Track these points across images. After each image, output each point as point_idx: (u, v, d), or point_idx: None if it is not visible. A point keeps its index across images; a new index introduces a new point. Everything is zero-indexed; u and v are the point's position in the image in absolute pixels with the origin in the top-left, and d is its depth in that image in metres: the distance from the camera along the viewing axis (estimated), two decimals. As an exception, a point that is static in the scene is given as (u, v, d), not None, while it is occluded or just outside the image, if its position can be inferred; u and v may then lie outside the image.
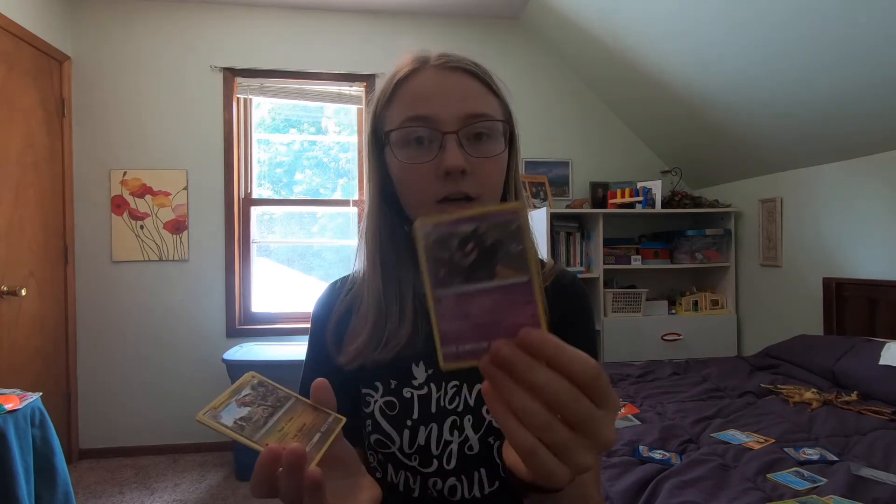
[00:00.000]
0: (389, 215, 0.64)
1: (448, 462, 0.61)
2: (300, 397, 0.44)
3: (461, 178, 0.56)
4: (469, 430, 0.61)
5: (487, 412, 0.61)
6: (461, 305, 0.32)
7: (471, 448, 0.61)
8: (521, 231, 0.31)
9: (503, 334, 0.30)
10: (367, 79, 3.09)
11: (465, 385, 0.62)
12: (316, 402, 0.44)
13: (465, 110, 0.56)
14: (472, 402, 0.62)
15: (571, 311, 0.66)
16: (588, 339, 0.67)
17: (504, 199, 0.64)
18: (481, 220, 0.31)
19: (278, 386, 0.44)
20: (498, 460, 0.62)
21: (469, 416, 0.62)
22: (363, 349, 0.61)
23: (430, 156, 0.56)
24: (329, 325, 0.66)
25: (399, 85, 0.59)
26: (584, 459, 0.30)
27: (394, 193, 0.62)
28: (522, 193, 0.66)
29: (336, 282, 0.71)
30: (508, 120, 0.62)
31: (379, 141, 0.61)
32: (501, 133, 0.59)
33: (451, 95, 0.56)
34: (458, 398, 0.62)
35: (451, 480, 0.62)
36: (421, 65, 0.59)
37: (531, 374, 0.29)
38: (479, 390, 0.62)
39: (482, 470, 0.62)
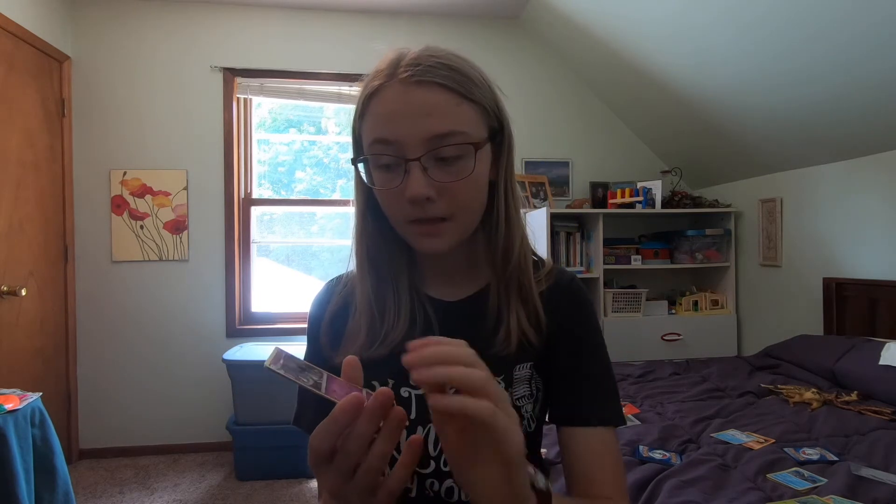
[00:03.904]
0: (377, 216, 0.63)
1: (445, 463, 0.61)
2: (333, 375, 0.44)
3: (427, 204, 0.55)
4: None
5: None
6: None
7: None
8: None
9: None
10: (363, 79, 3.08)
11: None
12: (347, 379, 0.43)
13: (431, 132, 0.54)
14: None
15: (574, 311, 0.66)
16: (594, 337, 0.66)
17: (494, 203, 0.62)
18: None
19: (310, 364, 0.44)
20: None
21: None
22: (360, 349, 0.61)
23: (397, 181, 0.55)
24: (324, 323, 0.66)
25: (368, 100, 0.58)
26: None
27: None
28: (518, 195, 0.65)
29: (332, 280, 0.72)
30: (496, 119, 0.60)
31: (357, 152, 0.61)
32: (473, 148, 0.56)
33: (415, 116, 0.54)
34: None
35: (448, 482, 0.61)
36: (388, 78, 0.56)
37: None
38: None
39: None
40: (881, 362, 1.84)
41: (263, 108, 3.26)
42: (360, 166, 0.62)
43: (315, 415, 0.63)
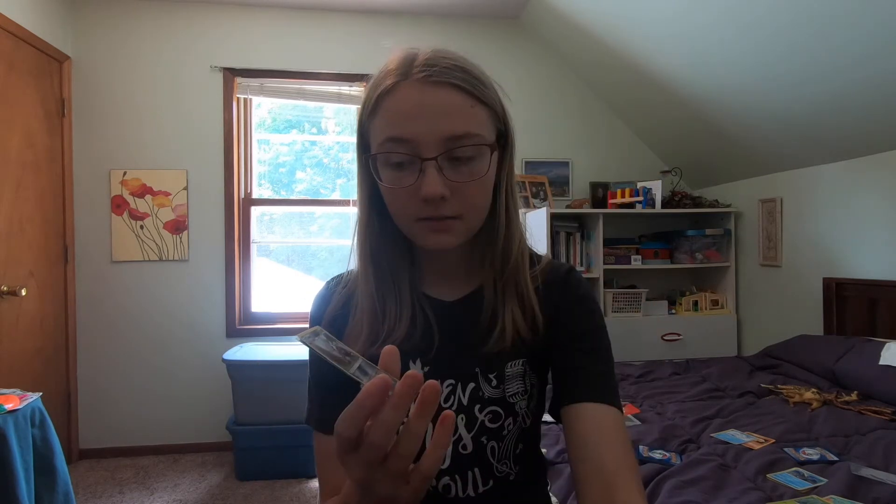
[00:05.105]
0: (380, 215, 0.63)
1: (442, 461, 0.61)
2: (368, 361, 0.41)
3: (441, 203, 0.55)
4: (462, 430, 0.62)
5: (480, 411, 0.62)
6: None
7: (465, 447, 0.62)
8: None
9: None
10: (367, 79, 3.07)
11: (459, 384, 0.63)
12: (384, 368, 0.41)
13: (447, 132, 0.54)
14: (465, 402, 0.62)
15: (569, 300, 0.65)
16: (591, 325, 0.64)
17: (496, 204, 0.63)
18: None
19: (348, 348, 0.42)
20: (491, 460, 0.62)
21: (462, 416, 0.62)
22: (360, 348, 0.61)
23: (410, 179, 0.55)
24: (324, 323, 0.66)
25: (381, 98, 0.57)
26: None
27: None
28: (517, 196, 0.66)
29: (332, 280, 0.72)
30: (503, 122, 0.61)
31: (365, 150, 0.61)
32: (488, 149, 0.57)
33: (432, 116, 0.54)
34: (452, 397, 0.62)
35: (445, 479, 0.62)
36: (403, 76, 0.56)
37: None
38: (472, 389, 0.62)
39: (475, 469, 0.62)
40: (881, 362, 1.84)
41: (263, 108, 3.26)
42: (365, 158, 0.61)
43: (321, 412, 0.64)
